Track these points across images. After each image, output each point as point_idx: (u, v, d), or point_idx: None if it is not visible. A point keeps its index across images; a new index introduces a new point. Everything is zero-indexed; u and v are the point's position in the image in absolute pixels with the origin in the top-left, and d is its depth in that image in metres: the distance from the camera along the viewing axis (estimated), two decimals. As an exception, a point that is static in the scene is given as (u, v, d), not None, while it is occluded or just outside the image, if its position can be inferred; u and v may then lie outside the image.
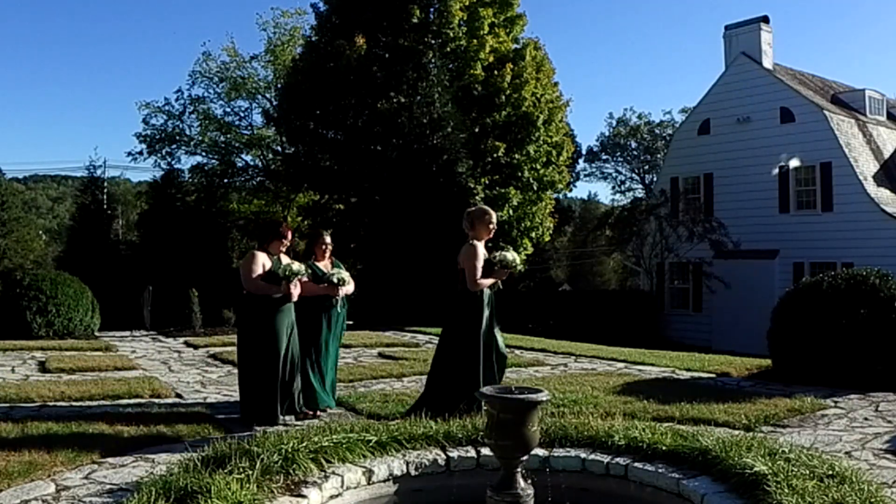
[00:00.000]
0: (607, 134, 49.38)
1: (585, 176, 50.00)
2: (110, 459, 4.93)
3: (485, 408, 4.31)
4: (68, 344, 11.65)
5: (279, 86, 27.25)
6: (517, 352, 11.34)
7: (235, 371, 9.27)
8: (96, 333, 13.88)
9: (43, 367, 9.21)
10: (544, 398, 4.10)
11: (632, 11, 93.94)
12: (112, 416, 6.19)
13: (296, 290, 6.19)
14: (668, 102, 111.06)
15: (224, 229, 27.35)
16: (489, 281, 5.99)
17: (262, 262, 6.11)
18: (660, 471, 4.39)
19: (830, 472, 4.01)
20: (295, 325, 6.21)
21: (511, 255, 6.07)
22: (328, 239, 6.82)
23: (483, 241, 6.08)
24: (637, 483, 4.43)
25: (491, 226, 6.06)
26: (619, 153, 49.55)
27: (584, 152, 44.72)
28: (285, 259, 6.31)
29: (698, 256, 22.91)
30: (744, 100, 23.21)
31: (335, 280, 6.52)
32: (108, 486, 4.36)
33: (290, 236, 6.36)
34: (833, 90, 25.23)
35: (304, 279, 6.29)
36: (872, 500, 3.71)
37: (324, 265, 6.70)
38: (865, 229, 20.35)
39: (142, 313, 16.80)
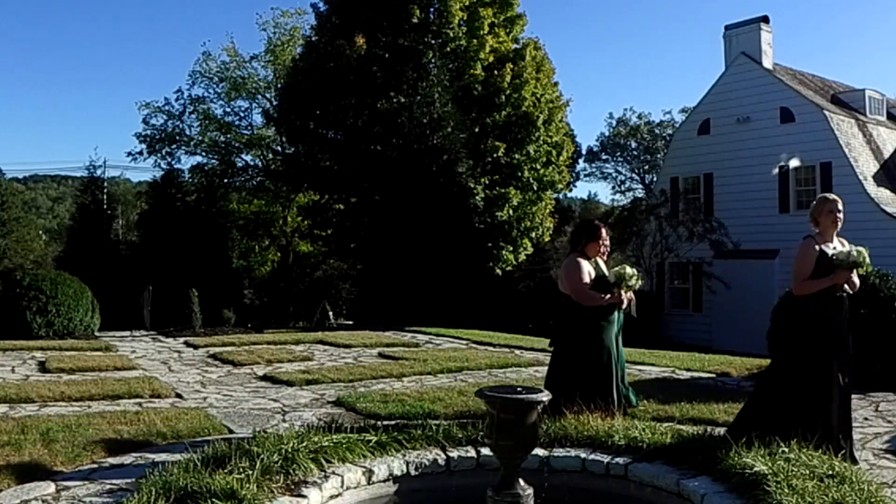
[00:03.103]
0: (607, 134, 49.30)
1: (585, 176, 49.96)
2: (110, 459, 4.93)
3: (485, 407, 4.31)
4: (68, 344, 11.66)
5: (279, 86, 27.23)
6: (517, 352, 11.37)
7: (235, 371, 9.30)
8: (96, 333, 13.88)
9: (43, 367, 9.21)
10: (544, 398, 4.11)
11: (632, 11, 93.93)
12: (112, 416, 6.20)
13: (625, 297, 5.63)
14: (668, 102, 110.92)
15: (224, 229, 27.34)
16: (819, 284, 4.88)
17: (588, 268, 5.63)
18: (660, 471, 4.39)
19: (830, 472, 4.01)
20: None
21: (847, 249, 4.99)
22: (608, 239, 6.12)
23: (831, 235, 5.07)
24: (637, 483, 4.43)
25: (834, 213, 5.03)
26: (619, 153, 49.48)
27: (584, 152, 44.63)
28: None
29: (698, 256, 22.90)
30: (744, 100, 23.17)
31: (633, 284, 5.77)
32: (108, 486, 4.36)
33: (606, 236, 5.80)
34: (833, 90, 25.21)
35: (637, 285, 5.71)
36: (872, 500, 3.71)
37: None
38: (865, 229, 20.28)
39: (142, 313, 16.81)
